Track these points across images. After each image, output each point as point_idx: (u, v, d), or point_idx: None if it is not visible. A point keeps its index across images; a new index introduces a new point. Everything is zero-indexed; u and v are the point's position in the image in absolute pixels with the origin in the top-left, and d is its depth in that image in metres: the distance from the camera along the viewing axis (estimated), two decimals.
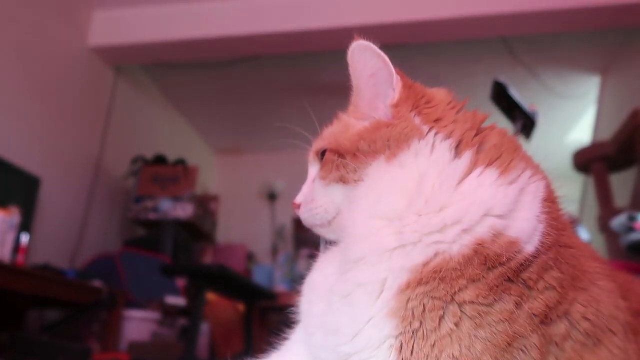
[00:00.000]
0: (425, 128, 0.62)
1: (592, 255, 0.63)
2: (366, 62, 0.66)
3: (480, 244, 0.53)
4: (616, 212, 2.86)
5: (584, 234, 2.65)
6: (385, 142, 0.62)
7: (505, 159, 0.59)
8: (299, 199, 0.72)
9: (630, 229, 2.19)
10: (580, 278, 0.57)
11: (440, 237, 0.55)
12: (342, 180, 0.65)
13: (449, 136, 0.61)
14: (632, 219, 2.21)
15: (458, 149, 0.60)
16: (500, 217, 0.55)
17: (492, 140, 0.62)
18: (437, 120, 0.63)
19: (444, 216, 0.56)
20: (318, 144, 0.73)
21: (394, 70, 0.65)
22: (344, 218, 0.64)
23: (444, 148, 0.60)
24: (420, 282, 0.53)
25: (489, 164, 0.59)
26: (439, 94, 0.67)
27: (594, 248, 0.72)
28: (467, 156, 0.59)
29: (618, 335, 0.57)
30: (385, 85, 0.66)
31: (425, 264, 0.54)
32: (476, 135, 0.62)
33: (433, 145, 0.61)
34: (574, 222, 0.68)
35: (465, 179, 0.58)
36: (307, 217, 0.70)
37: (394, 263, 0.56)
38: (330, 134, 0.72)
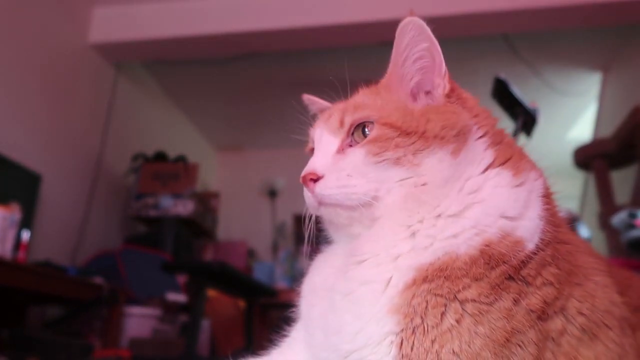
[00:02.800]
0: (471, 123, 0.61)
1: (587, 251, 0.63)
2: (418, 42, 0.63)
3: (487, 245, 0.54)
4: (616, 209, 2.86)
5: (585, 231, 2.65)
6: (453, 130, 0.59)
7: (515, 159, 0.60)
8: (320, 169, 0.61)
9: (631, 226, 2.19)
10: (575, 273, 0.57)
11: (452, 240, 0.55)
12: (398, 162, 0.58)
13: (483, 135, 0.61)
14: (632, 216, 2.22)
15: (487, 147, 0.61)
16: (510, 218, 0.55)
17: (505, 139, 0.63)
18: (476, 116, 0.63)
19: (462, 223, 0.55)
20: (351, 112, 0.63)
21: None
22: (380, 207, 0.59)
23: (480, 146, 0.60)
24: (425, 279, 0.54)
25: (503, 164, 0.59)
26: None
27: (595, 245, 0.72)
28: (490, 154, 0.60)
29: (613, 329, 0.57)
30: (435, 72, 0.64)
31: (432, 263, 0.54)
32: (495, 134, 0.63)
33: (475, 142, 0.60)
34: (574, 219, 0.68)
35: (484, 182, 0.58)
36: (336, 193, 0.59)
37: (401, 262, 0.56)
38: (376, 105, 0.63)
